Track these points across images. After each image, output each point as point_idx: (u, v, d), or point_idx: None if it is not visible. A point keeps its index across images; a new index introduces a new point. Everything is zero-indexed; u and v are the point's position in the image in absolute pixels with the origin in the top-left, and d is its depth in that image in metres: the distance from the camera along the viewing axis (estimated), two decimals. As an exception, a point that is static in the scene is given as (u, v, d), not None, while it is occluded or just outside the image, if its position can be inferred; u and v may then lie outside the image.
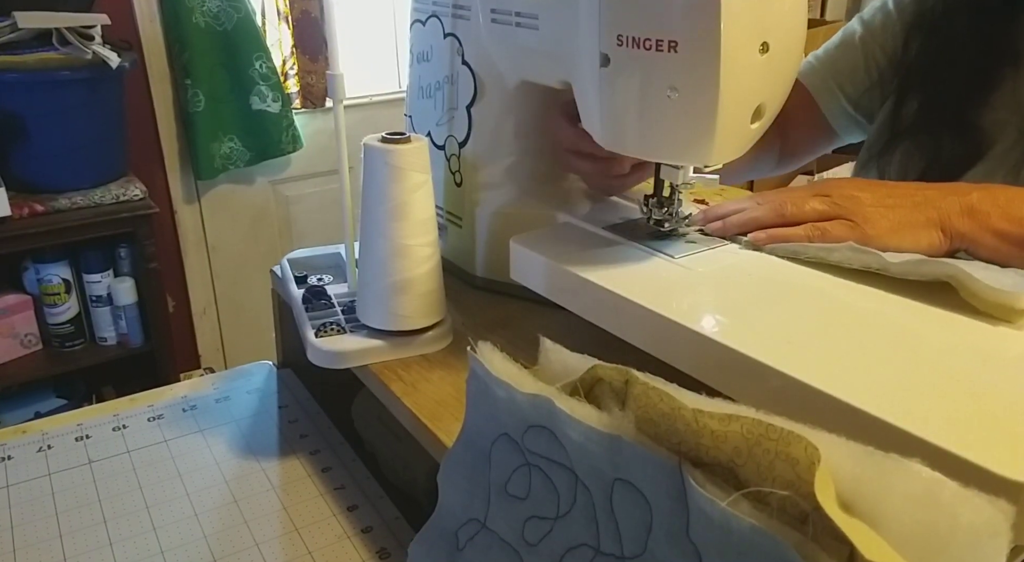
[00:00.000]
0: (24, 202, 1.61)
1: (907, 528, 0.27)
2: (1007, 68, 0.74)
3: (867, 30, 0.86)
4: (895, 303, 0.52)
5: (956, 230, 0.56)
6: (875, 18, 0.86)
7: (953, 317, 0.49)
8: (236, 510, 0.65)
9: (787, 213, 0.60)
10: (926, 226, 0.56)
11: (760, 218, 0.61)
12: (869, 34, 0.86)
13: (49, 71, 1.57)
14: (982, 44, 0.74)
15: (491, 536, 0.42)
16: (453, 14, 0.73)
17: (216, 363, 2.27)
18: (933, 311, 0.50)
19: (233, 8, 1.94)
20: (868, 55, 0.85)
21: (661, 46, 0.51)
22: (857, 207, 0.58)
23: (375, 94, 2.30)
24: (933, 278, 0.51)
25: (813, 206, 0.59)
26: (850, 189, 0.60)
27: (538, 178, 0.77)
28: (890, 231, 0.57)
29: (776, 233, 0.59)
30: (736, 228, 0.62)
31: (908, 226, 0.57)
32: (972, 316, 0.49)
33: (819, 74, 0.89)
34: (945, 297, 0.51)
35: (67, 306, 1.77)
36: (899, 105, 0.80)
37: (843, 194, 0.59)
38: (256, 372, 0.87)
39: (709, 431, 0.31)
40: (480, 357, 0.41)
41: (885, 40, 0.84)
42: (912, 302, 0.51)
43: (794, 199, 0.60)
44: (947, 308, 0.50)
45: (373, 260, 0.66)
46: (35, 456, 0.72)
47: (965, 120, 0.75)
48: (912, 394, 0.41)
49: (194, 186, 2.10)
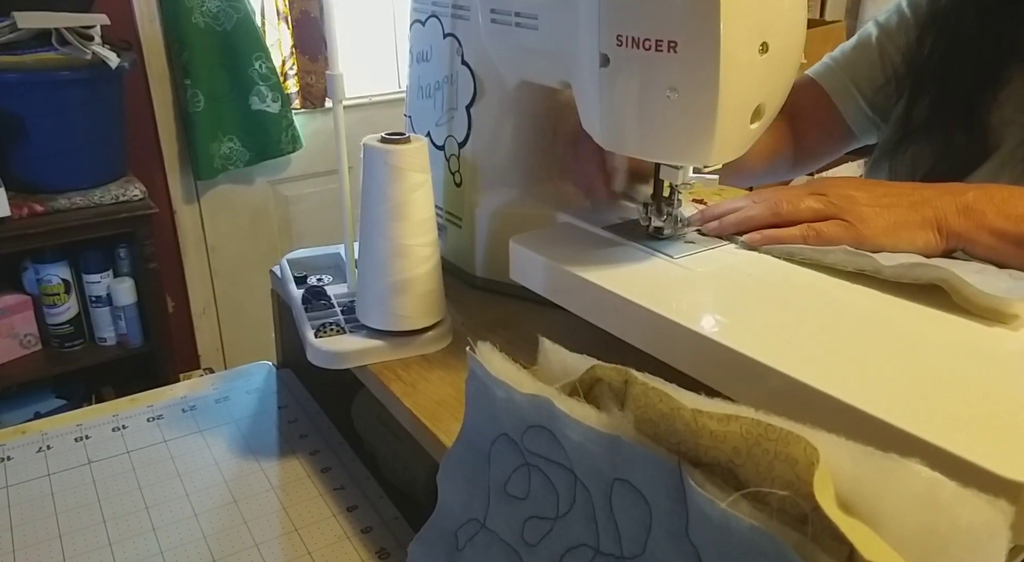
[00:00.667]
0: (23, 202, 1.61)
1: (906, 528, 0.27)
2: (1015, 66, 0.74)
3: (883, 31, 0.86)
4: (894, 303, 0.52)
5: (952, 230, 0.56)
6: (890, 19, 0.86)
7: (952, 318, 0.50)
8: (236, 510, 0.65)
9: (782, 212, 0.60)
10: (921, 226, 0.56)
11: (756, 217, 0.61)
12: (885, 35, 0.86)
13: (48, 71, 1.57)
14: (990, 42, 0.74)
15: (490, 536, 0.42)
16: (453, 14, 0.73)
17: (216, 363, 2.27)
18: (932, 311, 0.50)
19: (233, 8, 1.94)
20: (884, 55, 0.86)
21: (661, 46, 0.51)
22: (852, 206, 0.58)
23: (375, 94, 2.30)
24: (926, 281, 0.51)
25: (809, 205, 0.59)
26: (846, 188, 0.60)
27: (537, 178, 0.77)
28: (885, 231, 0.57)
29: (771, 234, 0.60)
30: (732, 227, 0.62)
31: (903, 226, 0.57)
32: (970, 317, 0.49)
33: (836, 75, 0.89)
34: (943, 298, 0.51)
35: (66, 306, 1.77)
36: (911, 103, 0.80)
37: (839, 193, 0.59)
38: (256, 372, 0.87)
39: (708, 431, 0.31)
40: (479, 357, 0.41)
41: (900, 40, 0.84)
42: (911, 303, 0.51)
43: (790, 198, 0.60)
44: (945, 309, 0.50)
45: (373, 260, 0.66)
46: (35, 456, 0.72)
47: (974, 118, 0.75)
48: (911, 394, 0.41)
49: (194, 186, 2.10)
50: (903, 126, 0.81)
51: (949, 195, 0.57)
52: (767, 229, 0.60)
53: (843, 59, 0.90)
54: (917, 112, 0.79)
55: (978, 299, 0.48)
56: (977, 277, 0.50)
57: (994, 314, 0.48)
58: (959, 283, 0.49)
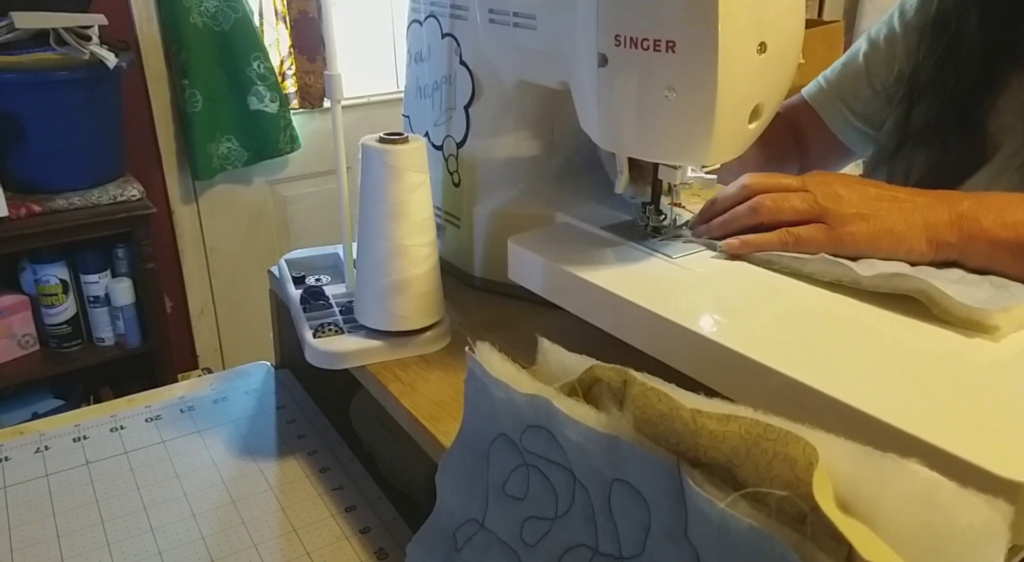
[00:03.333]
0: (21, 202, 1.61)
1: (905, 528, 0.27)
2: (1013, 71, 0.74)
3: (872, 46, 0.87)
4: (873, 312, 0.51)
5: (944, 241, 0.55)
6: (880, 33, 0.87)
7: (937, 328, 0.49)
8: (234, 511, 0.65)
9: (763, 211, 0.59)
10: (910, 235, 0.55)
11: (738, 216, 0.60)
12: (873, 50, 0.86)
13: (46, 71, 1.57)
14: (988, 47, 0.74)
15: (489, 536, 0.42)
16: (451, 14, 0.73)
17: (214, 363, 2.26)
18: (916, 322, 0.50)
19: (231, 8, 1.93)
20: (871, 69, 0.86)
21: (659, 46, 0.51)
22: (837, 208, 0.57)
23: (373, 94, 2.30)
24: (904, 292, 0.50)
25: (792, 205, 0.58)
26: (836, 186, 0.58)
27: (536, 178, 0.76)
28: (867, 238, 0.55)
29: (749, 240, 0.58)
30: (720, 230, 0.61)
31: (888, 235, 0.55)
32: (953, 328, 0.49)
33: (825, 93, 0.90)
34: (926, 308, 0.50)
35: (64, 307, 1.76)
36: (909, 109, 0.80)
37: (827, 191, 0.58)
38: (254, 373, 0.87)
39: (707, 431, 0.31)
40: (478, 357, 0.41)
41: (889, 53, 0.85)
42: (891, 313, 0.51)
43: (774, 196, 0.59)
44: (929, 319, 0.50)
45: (371, 260, 0.66)
46: (33, 457, 0.72)
47: (971, 123, 0.75)
48: (910, 394, 0.41)
49: (192, 186, 2.10)
50: (900, 132, 0.81)
51: (943, 204, 0.56)
52: (746, 234, 0.59)
53: (832, 77, 0.90)
54: (915, 118, 0.79)
55: (956, 311, 0.48)
56: (956, 287, 0.49)
57: (973, 325, 0.47)
58: (937, 295, 0.48)
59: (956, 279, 0.52)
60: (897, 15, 0.85)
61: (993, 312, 0.47)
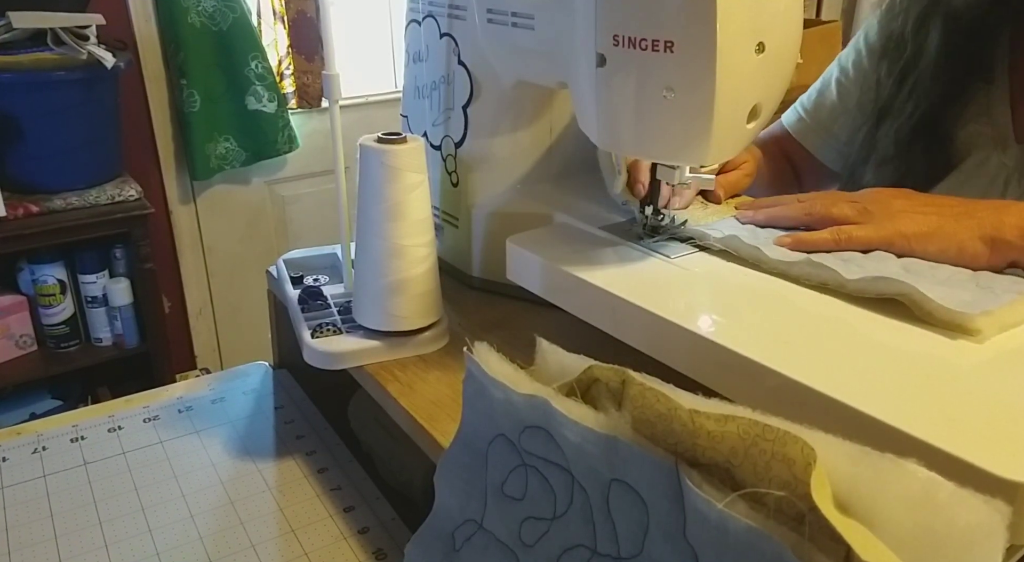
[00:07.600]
0: (19, 202, 1.61)
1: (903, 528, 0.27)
2: (979, 82, 0.75)
3: (842, 71, 0.89)
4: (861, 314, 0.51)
5: (1005, 240, 0.54)
6: (848, 57, 0.88)
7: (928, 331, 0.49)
8: (232, 511, 0.65)
9: (815, 212, 0.60)
10: (960, 233, 0.55)
11: (788, 214, 0.62)
12: (843, 74, 0.88)
13: (44, 71, 1.57)
14: (952, 62, 0.75)
15: (487, 537, 0.42)
16: (449, 14, 0.73)
17: (212, 364, 2.26)
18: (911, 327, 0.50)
19: (229, 8, 1.93)
20: (843, 93, 0.88)
21: (657, 46, 0.51)
22: (887, 210, 0.57)
23: (371, 94, 2.30)
24: (889, 295, 0.50)
25: (842, 209, 0.59)
26: (884, 195, 0.60)
27: (534, 178, 0.76)
28: (919, 235, 0.55)
29: (800, 237, 0.59)
30: (765, 218, 0.63)
31: (940, 232, 0.55)
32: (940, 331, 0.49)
33: (805, 123, 0.92)
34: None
35: (62, 307, 1.76)
36: (878, 122, 0.81)
37: (875, 199, 0.59)
38: (252, 373, 0.87)
39: (705, 431, 0.31)
40: (476, 358, 0.41)
41: (858, 77, 0.86)
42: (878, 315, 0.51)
43: (824, 201, 0.61)
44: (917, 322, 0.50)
45: (369, 260, 0.66)
46: (30, 458, 0.71)
47: (938, 133, 0.76)
48: (909, 395, 0.41)
49: (190, 186, 2.09)
50: (869, 144, 0.81)
51: (995, 211, 0.56)
52: (798, 232, 0.60)
53: (809, 106, 0.92)
54: (879, 136, 0.80)
55: (939, 314, 0.48)
56: (940, 289, 0.49)
57: (956, 327, 0.47)
58: (920, 298, 0.48)
59: (943, 279, 0.52)
60: (862, 38, 0.87)
61: (975, 316, 0.47)
